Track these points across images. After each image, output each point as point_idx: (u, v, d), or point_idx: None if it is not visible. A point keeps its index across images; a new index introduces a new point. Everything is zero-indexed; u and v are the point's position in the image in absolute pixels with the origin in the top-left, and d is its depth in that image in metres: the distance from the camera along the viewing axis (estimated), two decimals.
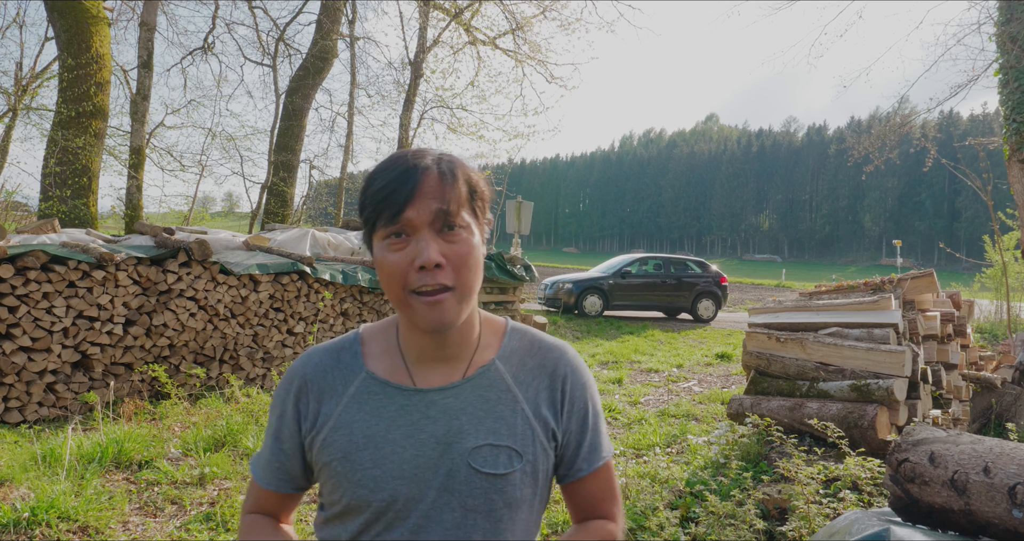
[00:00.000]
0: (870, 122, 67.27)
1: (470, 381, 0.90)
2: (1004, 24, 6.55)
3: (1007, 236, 13.46)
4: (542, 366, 0.94)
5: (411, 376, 0.91)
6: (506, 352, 0.94)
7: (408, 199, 0.80)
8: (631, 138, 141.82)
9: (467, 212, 0.85)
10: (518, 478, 0.87)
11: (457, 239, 0.83)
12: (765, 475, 3.59)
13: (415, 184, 0.81)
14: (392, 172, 0.82)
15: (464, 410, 0.88)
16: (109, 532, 2.94)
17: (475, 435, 0.87)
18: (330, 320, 6.47)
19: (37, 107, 14.65)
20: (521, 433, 0.89)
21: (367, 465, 0.86)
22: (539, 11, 14.07)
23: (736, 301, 21.34)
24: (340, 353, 0.95)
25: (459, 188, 0.84)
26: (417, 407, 0.89)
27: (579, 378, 0.96)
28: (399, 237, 0.82)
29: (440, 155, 0.86)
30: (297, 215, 15.80)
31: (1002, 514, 1.55)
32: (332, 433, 0.89)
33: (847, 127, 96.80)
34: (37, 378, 4.45)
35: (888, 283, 4.56)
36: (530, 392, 0.92)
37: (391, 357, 0.93)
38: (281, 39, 14.95)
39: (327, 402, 0.91)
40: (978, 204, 73.11)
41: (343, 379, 0.92)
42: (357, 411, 0.90)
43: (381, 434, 0.88)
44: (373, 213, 0.83)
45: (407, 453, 0.86)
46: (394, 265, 0.82)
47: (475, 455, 0.86)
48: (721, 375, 7.91)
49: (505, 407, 0.90)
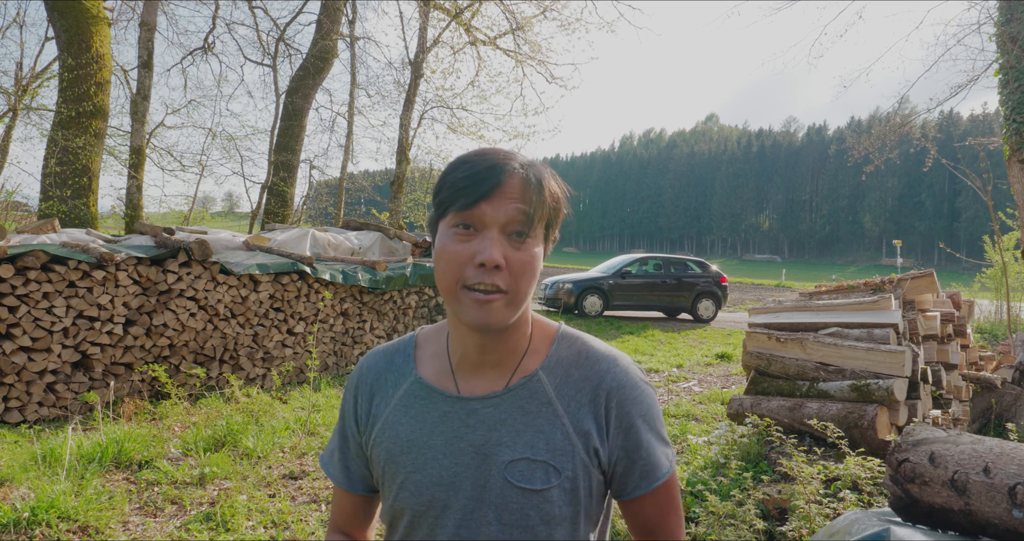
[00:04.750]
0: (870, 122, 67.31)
1: (511, 391, 0.88)
2: (1004, 24, 6.55)
3: (1007, 236, 13.47)
4: (587, 379, 0.90)
5: (455, 382, 0.91)
6: (551, 361, 0.91)
7: (488, 194, 0.80)
8: (631, 138, 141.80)
9: (540, 225, 0.84)
10: (555, 495, 0.85)
11: (523, 247, 0.82)
12: (765, 475, 3.58)
13: (499, 182, 0.80)
14: (480, 164, 0.81)
15: (504, 421, 0.87)
16: (109, 532, 2.94)
17: (513, 448, 0.85)
18: (330, 320, 6.47)
19: (37, 107, 14.66)
20: (560, 448, 0.86)
21: (409, 468, 0.87)
22: (539, 11, 14.07)
23: (736, 301, 21.34)
24: (394, 355, 0.97)
25: (542, 199, 0.83)
26: (458, 415, 0.88)
27: (627, 393, 0.89)
28: (467, 229, 0.81)
29: (530, 162, 0.85)
30: (297, 215, 15.80)
31: (1002, 514, 1.55)
32: (380, 434, 0.92)
33: (847, 127, 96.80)
34: (37, 378, 4.45)
35: (888, 283, 4.55)
36: (572, 406, 0.88)
37: (439, 361, 0.93)
38: (281, 39, 14.96)
39: (378, 403, 0.94)
40: (978, 204, 73.12)
41: (394, 381, 0.94)
42: (403, 414, 0.91)
43: (424, 439, 0.88)
44: (449, 198, 0.82)
45: (447, 460, 0.87)
46: (455, 255, 0.81)
47: (512, 469, 0.85)
48: (721, 375, 7.91)
49: (545, 420, 0.87)
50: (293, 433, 4.49)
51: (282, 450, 4.17)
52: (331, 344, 6.55)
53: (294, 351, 6.11)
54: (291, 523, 3.12)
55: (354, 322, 6.75)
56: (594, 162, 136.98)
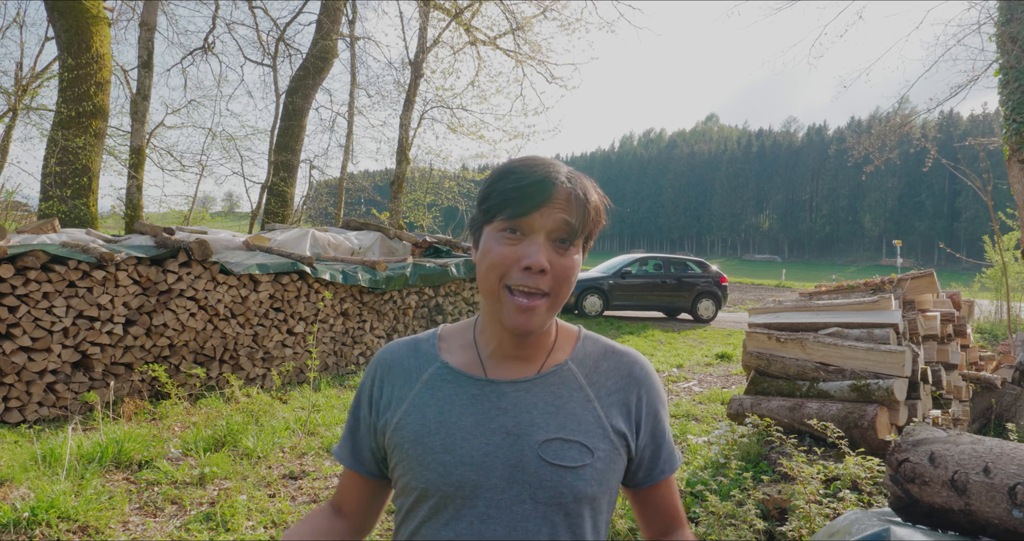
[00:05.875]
0: (870, 122, 67.27)
1: (543, 377, 0.93)
2: (1004, 24, 6.55)
3: (1007, 236, 13.46)
4: (616, 369, 0.97)
5: (484, 368, 0.94)
6: (579, 355, 0.97)
7: (538, 206, 0.85)
8: (631, 138, 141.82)
9: (582, 235, 0.89)
10: (588, 473, 0.88)
11: (566, 254, 0.87)
12: (765, 475, 3.58)
13: (549, 195, 0.85)
14: (530, 176, 0.86)
15: (535, 404, 0.91)
16: (109, 532, 2.94)
17: (546, 429, 0.89)
18: (330, 320, 6.47)
19: (37, 107, 14.65)
20: (593, 430, 0.91)
21: (438, 449, 0.88)
22: (539, 11, 14.07)
23: (736, 301, 21.33)
24: (418, 344, 1.00)
25: (586, 212, 0.88)
26: (488, 397, 0.91)
27: (652, 383, 0.99)
28: (514, 233, 0.86)
29: (574, 174, 0.90)
30: (297, 215, 15.80)
31: (1002, 514, 1.55)
32: (405, 416, 0.93)
33: (847, 127, 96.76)
34: (37, 378, 4.45)
35: (888, 283, 4.56)
36: (603, 393, 0.94)
37: (466, 352, 0.97)
38: (281, 39, 14.96)
39: (401, 387, 0.96)
40: (978, 204, 73.10)
41: (418, 367, 0.96)
42: (430, 397, 0.93)
43: (453, 420, 0.90)
44: (498, 206, 0.86)
45: (477, 441, 0.88)
46: (501, 257, 0.85)
47: (545, 448, 0.88)
48: (721, 375, 7.91)
49: (577, 404, 0.92)
50: (293, 433, 4.49)
51: (282, 450, 4.17)
52: (331, 344, 6.55)
53: (294, 351, 6.11)
54: (291, 523, 3.12)
55: (354, 322, 6.75)
56: (594, 162, 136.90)
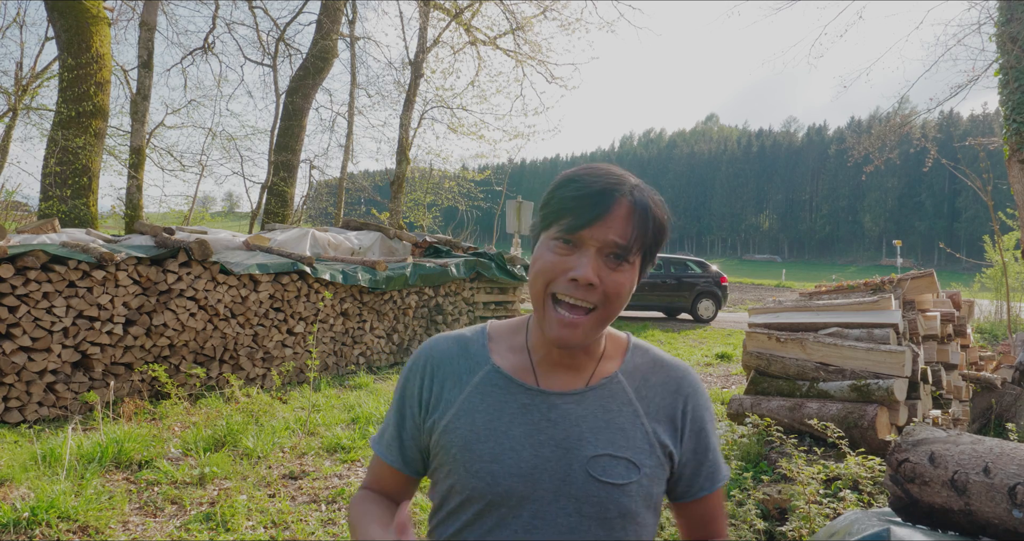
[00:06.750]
0: (870, 122, 67.24)
1: (593, 390, 0.91)
2: (1004, 24, 6.55)
3: (1007, 236, 13.46)
4: (664, 384, 0.95)
5: (536, 377, 0.92)
6: (629, 367, 0.95)
7: (594, 221, 0.82)
8: (631, 138, 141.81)
9: (639, 252, 0.86)
10: (634, 490, 0.88)
11: (620, 269, 0.84)
12: (765, 475, 3.59)
13: (607, 210, 0.82)
14: (591, 186, 0.84)
15: (585, 418, 0.89)
16: (109, 532, 2.94)
17: (595, 443, 0.88)
18: (330, 320, 6.47)
19: (37, 107, 14.66)
20: (640, 446, 0.90)
21: (486, 458, 0.87)
22: (539, 11, 14.07)
23: (736, 301, 21.33)
24: (467, 343, 0.97)
25: (645, 229, 0.85)
26: (539, 408, 0.90)
27: (701, 399, 0.97)
28: (567, 244, 0.84)
29: (639, 187, 0.87)
30: (297, 215, 15.80)
31: (1002, 514, 1.55)
32: (455, 420, 0.90)
33: (847, 127, 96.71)
34: (37, 378, 4.45)
35: (888, 283, 4.55)
36: (651, 408, 0.93)
37: (518, 356, 0.94)
38: (281, 39, 14.96)
39: (451, 388, 0.93)
40: (978, 204, 73.08)
41: (468, 368, 0.94)
42: (480, 402, 0.91)
43: (503, 429, 0.89)
44: (555, 214, 0.85)
45: (526, 452, 0.87)
46: (550, 265, 0.84)
47: (594, 464, 0.87)
48: (721, 375, 7.91)
49: (626, 419, 0.91)
50: (293, 433, 4.49)
51: (282, 450, 4.17)
52: (331, 344, 6.55)
53: (294, 351, 6.11)
54: (291, 523, 3.12)
55: (354, 322, 6.75)
56: (594, 162, 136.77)
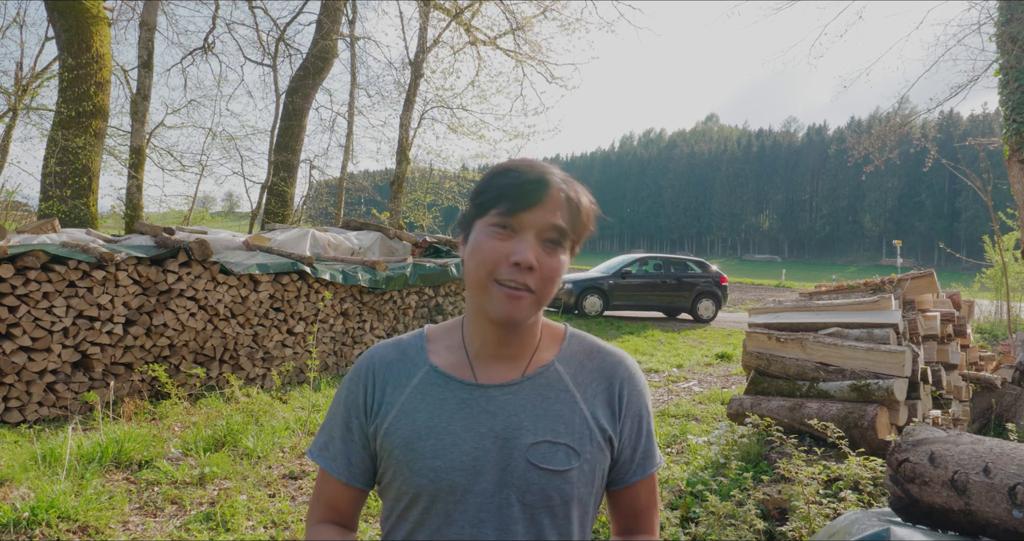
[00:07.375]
0: (870, 122, 67.26)
1: (530, 379, 0.94)
2: (1004, 24, 6.55)
3: (1007, 236, 13.46)
4: (600, 369, 0.98)
5: (473, 372, 0.94)
6: (565, 355, 0.98)
7: (533, 204, 0.86)
8: (631, 138, 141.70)
9: (572, 238, 0.91)
10: (576, 476, 0.90)
11: (554, 254, 0.88)
12: (765, 475, 3.59)
13: (544, 195, 0.87)
14: (526, 174, 0.88)
15: (523, 407, 0.92)
16: (109, 532, 2.94)
17: (534, 431, 0.90)
18: (330, 320, 6.47)
19: (37, 107, 14.65)
20: (579, 432, 0.92)
21: (428, 455, 0.89)
22: (539, 11, 14.07)
23: (736, 301, 21.33)
24: (405, 348, 0.99)
25: (578, 216, 0.90)
26: (477, 401, 0.92)
27: (636, 384, 0.99)
28: (505, 229, 0.87)
29: (568, 179, 0.92)
30: (297, 215, 15.80)
31: (1002, 514, 1.55)
32: (395, 421, 0.92)
33: (847, 127, 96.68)
34: (37, 378, 4.45)
35: (888, 283, 4.55)
36: (588, 393, 0.95)
37: (454, 353, 0.97)
38: (281, 39, 14.95)
39: (391, 392, 0.95)
40: (978, 204, 73.07)
41: (407, 371, 0.96)
42: (420, 401, 0.93)
43: (443, 425, 0.90)
44: (492, 200, 0.88)
45: (467, 445, 0.89)
46: (490, 251, 0.86)
47: (533, 451, 0.89)
48: (721, 375, 7.91)
49: (564, 406, 0.93)
50: (293, 433, 4.49)
51: (282, 450, 4.17)
52: (331, 344, 6.55)
53: (294, 351, 6.11)
54: (291, 523, 3.12)
55: (354, 322, 6.75)
56: (594, 162, 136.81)
